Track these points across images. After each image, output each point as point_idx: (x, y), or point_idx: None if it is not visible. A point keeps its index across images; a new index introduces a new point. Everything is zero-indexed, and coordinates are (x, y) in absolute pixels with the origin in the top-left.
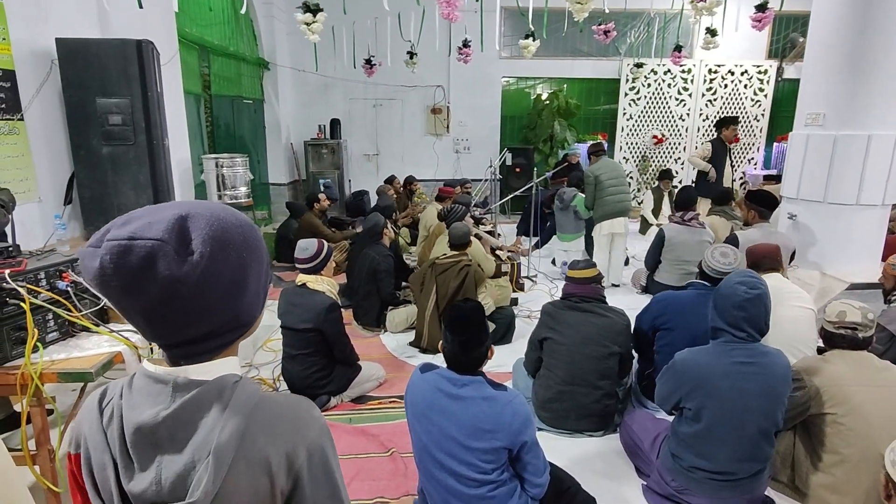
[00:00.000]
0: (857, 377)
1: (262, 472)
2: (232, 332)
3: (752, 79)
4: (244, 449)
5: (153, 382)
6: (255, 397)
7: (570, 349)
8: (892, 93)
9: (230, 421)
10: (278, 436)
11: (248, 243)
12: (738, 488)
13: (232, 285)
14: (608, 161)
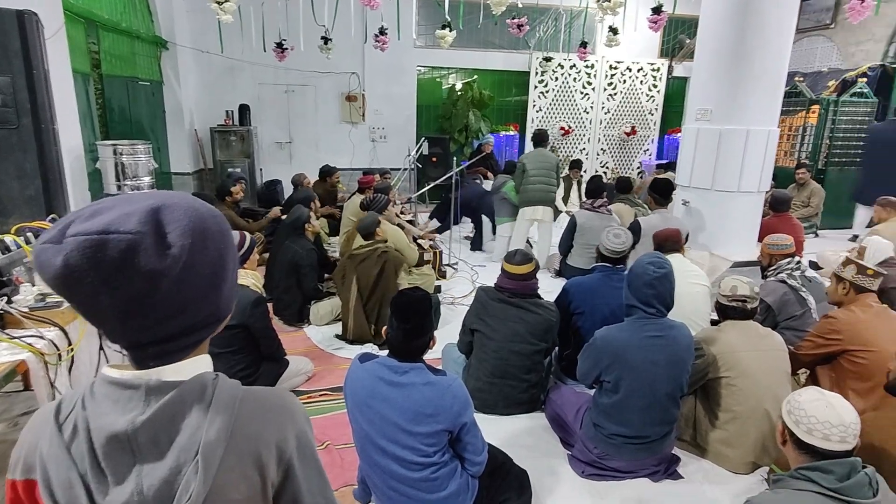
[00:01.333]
0: (745, 344)
1: (252, 467)
2: (209, 326)
3: (647, 76)
4: (233, 445)
5: (120, 389)
6: (239, 392)
7: (499, 345)
8: (765, 92)
9: (217, 418)
10: (267, 427)
11: (224, 234)
12: (651, 449)
13: (212, 277)
14: (539, 151)
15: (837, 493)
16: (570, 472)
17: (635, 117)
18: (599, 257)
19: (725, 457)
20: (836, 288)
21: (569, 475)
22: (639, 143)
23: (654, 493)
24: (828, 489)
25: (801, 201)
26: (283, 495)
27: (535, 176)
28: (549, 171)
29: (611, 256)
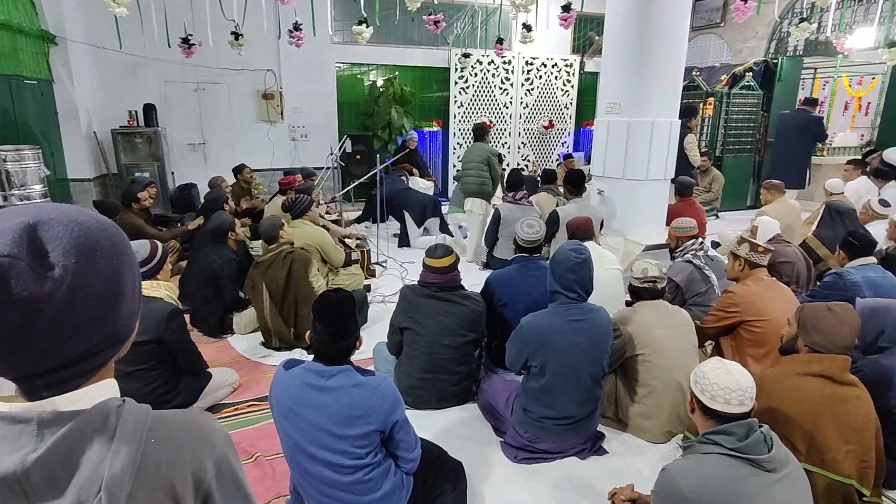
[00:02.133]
0: (657, 322)
1: (166, 499)
2: (108, 349)
3: (560, 71)
4: (142, 478)
5: (7, 424)
6: (147, 419)
7: (429, 340)
8: (666, 86)
9: (122, 449)
10: (181, 456)
11: (117, 247)
12: (579, 428)
13: (107, 296)
14: (475, 145)
15: (738, 451)
16: (503, 459)
17: (552, 111)
18: (517, 248)
19: (644, 429)
20: (732, 265)
21: (502, 462)
22: (557, 136)
23: (583, 469)
24: (730, 449)
25: (703, 187)
26: None
27: (468, 169)
28: (479, 164)
29: (526, 246)
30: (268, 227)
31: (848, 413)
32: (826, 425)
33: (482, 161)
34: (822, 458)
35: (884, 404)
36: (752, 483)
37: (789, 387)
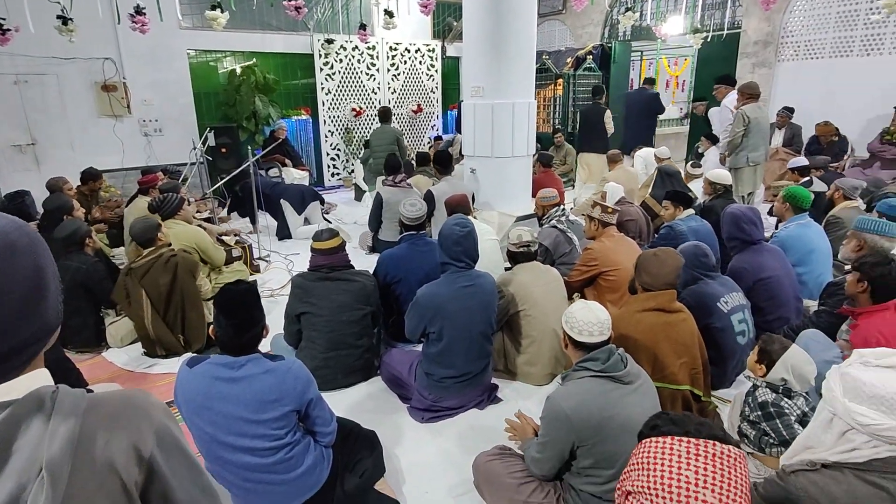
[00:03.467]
0: (534, 280)
1: (109, 473)
2: (39, 342)
3: (424, 56)
4: (83, 454)
5: None
6: (83, 400)
7: (328, 319)
8: (523, 70)
9: (59, 429)
10: (119, 431)
11: (35, 244)
12: (475, 383)
13: (31, 293)
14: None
15: (604, 371)
16: (411, 422)
17: (419, 95)
18: (402, 227)
19: (530, 374)
20: (589, 226)
21: (411, 424)
22: (426, 120)
23: (483, 418)
24: (597, 371)
25: (559, 160)
26: (152, 493)
27: (378, 150)
28: (388, 146)
29: (411, 224)
30: (142, 230)
31: (678, 334)
32: (663, 346)
33: (391, 142)
34: (663, 373)
35: (704, 323)
36: (615, 394)
37: (633, 321)
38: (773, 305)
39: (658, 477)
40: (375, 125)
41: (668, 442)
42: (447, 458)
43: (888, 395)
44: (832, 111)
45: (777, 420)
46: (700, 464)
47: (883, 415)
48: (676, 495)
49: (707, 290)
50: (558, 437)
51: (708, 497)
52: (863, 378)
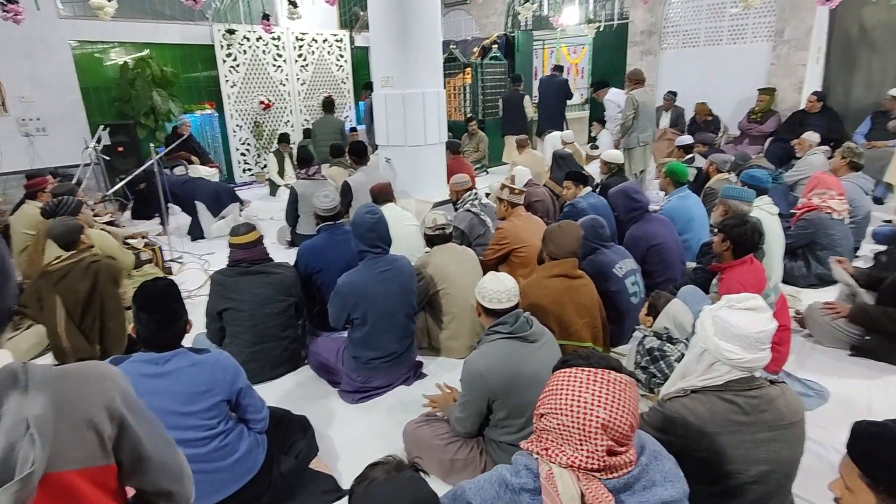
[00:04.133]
0: (451, 261)
1: (86, 429)
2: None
3: (332, 46)
4: (62, 415)
5: None
6: (52, 371)
7: (252, 312)
8: (431, 60)
9: (38, 395)
10: (91, 393)
11: None
12: (401, 361)
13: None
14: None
15: (512, 333)
16: (342, 404)
17: (330, 86)
18: (318, 219)
19: (452, 349)
20: (499, 207)
21: (342, 406)
22: (339, 111)
23: (410, 393)
24: (506, 333)
25: (472, 147)
26: (124, 444)
27: (321, 139)
28: (333, 135)
29: (327, 216)
30: (63, 231)
31: (580, 297)
32: (568, 309)
33: (335, 132)
34: (568, 332)
35: (602, 287)
36: (522, 352)
37: (541, 287)
38: (662, 268)
39: (563, 399)
40: (287, 117)
41: (574, 371)
42: (378, 432)
43: (748, 334)
44: (708, 94)
45: (661, 362)
46: (596, 388)
47: (744, 350)
48: (576, 412)
49: (603, 258)
50: (476, 395)
51: (601, 414)
52: (730, 320)
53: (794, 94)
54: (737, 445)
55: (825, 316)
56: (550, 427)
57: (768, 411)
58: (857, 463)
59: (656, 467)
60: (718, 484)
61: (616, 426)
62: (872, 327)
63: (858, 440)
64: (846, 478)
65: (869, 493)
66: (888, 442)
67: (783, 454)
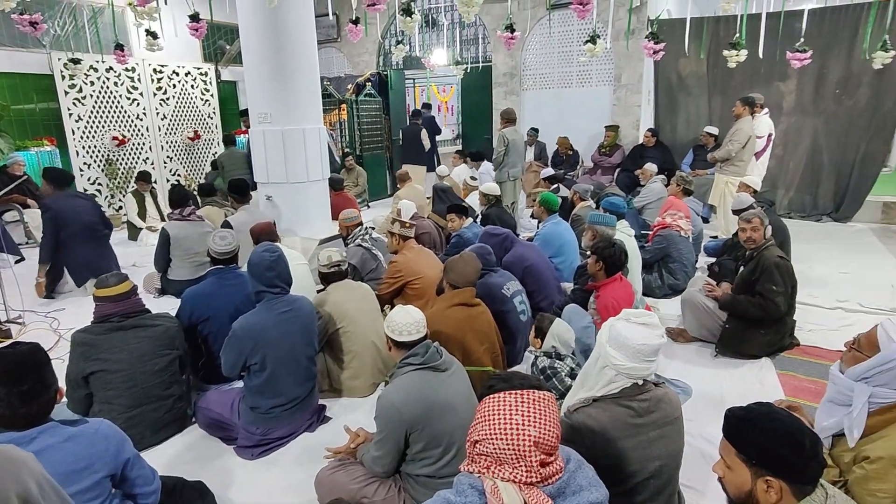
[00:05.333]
0: (348, 297)
1: None
2: None
3: (196, 80)
4: None
5: None
6: None
7: (128, 373)
8: (309, 95)
9: None
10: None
11: None
12: (304, 406)
13: None
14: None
15: (424, 364)
16: (241, 462)
17: (196, 121)
18: (212, 261)
19: (355, 388)
20: (391, 241)
21: (241, 464)
22: (206, 147)
23: (315, 439)
24: (418, 364)
25: (352, 182)
26: None
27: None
28: (241, 168)
29: (221, 258)
30: None
31: (480, 324)
32: (469, 337)
33: (243, 165)
34: (471, 359)
35: (494, 308)
36: (435, 382)
37: (444, 317)
38: (539, 289)
39: (496, 424)
40: (146, 154)
41: (501, 395)
42: (286, 486)
43: (632, 345)
44: (565, 131)
45: (553, 379)
46: (524, 408)
47: (626, 358)
48: (509, 435)
49: (492, 281)
50: (393, 430)
51: (532, 432)
52: (622, 331)
53: (633, 131)
54: (636, 446)
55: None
56: (486, 452)
57: (656, 411)
58: (732, 443)
59: (582, 474)
60: (623, 484)
61: (546, 440)
62: (735, 312)
63: (731, 423)
64: (725, 458)
65: (745, 469)
66: (754, 422)
67: (671, 448)
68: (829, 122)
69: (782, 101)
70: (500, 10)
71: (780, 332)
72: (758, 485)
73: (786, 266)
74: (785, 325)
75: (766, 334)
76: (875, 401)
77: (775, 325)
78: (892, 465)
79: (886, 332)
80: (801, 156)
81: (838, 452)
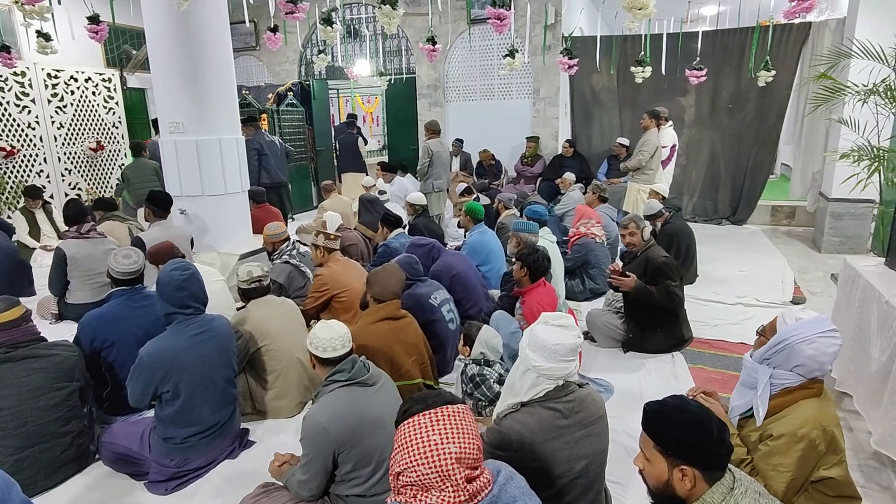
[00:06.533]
0: (270, 314)
1: None
2: None
3: (98, 86)
4: None
5: None
6: None
7: (16, 411)
8: (226, 104)
9: None
10: None
11: None
12: (224, 433)
13: None
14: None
15: (350, 380)
16: (154, 499)
17: (98, 131)
18: (114, 282)
19: (281, 408)
20: (315, 253)
21: (153, 501)
22: (111, 158)
23: (238, 465)
24: (344, 381)
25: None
26: None
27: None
28: (150, 179)
29: (126, 279)
30: None
31: (407, 335)
32: (397, 349)
33: (152, 175)
34: (399, 372)
35: (422, 319)
36: (363, 397)
37: (369, 332)
38: (467, 296)
39: (415, 449)
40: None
41: (416, 419)
42: None
43: (547, 346)
44: (488, 141)
45: (482, 386)
46: (441, 426)
47: (544, 359)
48: (430, 457)
49: (420, 291)
50: (320, 451)
51: (452, 449)
52: (539, 334)
53: (552, 142)
54: (562, 447)
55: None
56: (410, 482)
57: (581, 411)
58: (650, 436)
59: (514, 485)
60: (551, 487)
61: (467, 454)
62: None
63: (648, 417)
64: (645, 451)
65: (662, 460)
66: (667, 414)
67: (597, 446)
68: (724, 134)
69: (684, 114)
70: (422, 23)
71: (673, 327)
72: (674, 474)
73: (672, 263)
74: (678, 319)
75: (661, 332)
76: (777, 381)
77: (668, 322)
78: (793, 441)
79: (783, 318)
80: (702, 165)
81: (746, 433)
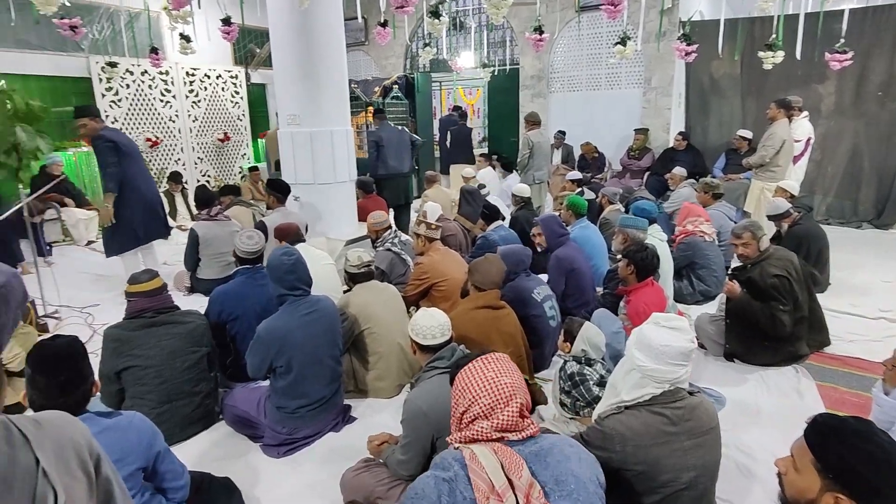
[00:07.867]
0: (374, 299)
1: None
2: None
3: (226, 83)
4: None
5: None
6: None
7: (159, 369)
8: (337, 98)
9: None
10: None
11: None
12: (329, 407)
13: None
14: None
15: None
16: (267, 460)
17: (225, 123)
18: (238, 261)
19: (381, 389)
20: (416, 242)
21: (267, 462)
22: (235, 148)
23: (341, 439)
24: (444, 368)
25: None
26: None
27: None
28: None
29: (248, 258)
30: None
31: (505, 326)
32: (494, 338)
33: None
34: None
35: (522, 313)
36: None
37: (468, 319)
38: (578, 293)
39: (474, 386)
40: (177, 155)
41: (469, 367)
42: (312, 485)
43: (654, 346)
44: (592, 133)
45: (581, 386)
46: (492, 366)
47: (649, 359)
48: (489, 388)
49: (522, 284)
50: (419, 434)
51: (507, 380)
52: (647, 333)
53: (663, 134)
54: (669, 455)
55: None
56: (473, 415)
57: (692, 420)
58: (812, 449)
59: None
60: (656, 494)
61: (519, 387)
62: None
63: (819, 429)
64: (797, 459)
65: (815, 476)
66: (846, 436)
67: (707, 458)
68: (871, 125)
69: (820, 103)
70: (529, 13)
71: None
72: (825, 498)
73: (784, 285)
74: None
75: (769, 346)
76: None
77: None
78: None
79: None
80: (841, 160)
81: None
